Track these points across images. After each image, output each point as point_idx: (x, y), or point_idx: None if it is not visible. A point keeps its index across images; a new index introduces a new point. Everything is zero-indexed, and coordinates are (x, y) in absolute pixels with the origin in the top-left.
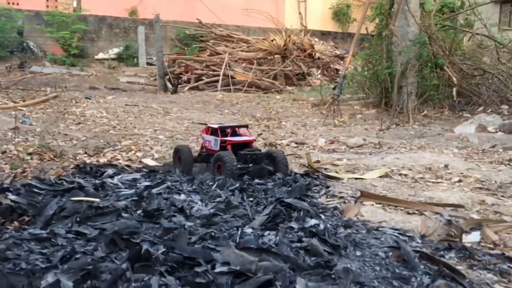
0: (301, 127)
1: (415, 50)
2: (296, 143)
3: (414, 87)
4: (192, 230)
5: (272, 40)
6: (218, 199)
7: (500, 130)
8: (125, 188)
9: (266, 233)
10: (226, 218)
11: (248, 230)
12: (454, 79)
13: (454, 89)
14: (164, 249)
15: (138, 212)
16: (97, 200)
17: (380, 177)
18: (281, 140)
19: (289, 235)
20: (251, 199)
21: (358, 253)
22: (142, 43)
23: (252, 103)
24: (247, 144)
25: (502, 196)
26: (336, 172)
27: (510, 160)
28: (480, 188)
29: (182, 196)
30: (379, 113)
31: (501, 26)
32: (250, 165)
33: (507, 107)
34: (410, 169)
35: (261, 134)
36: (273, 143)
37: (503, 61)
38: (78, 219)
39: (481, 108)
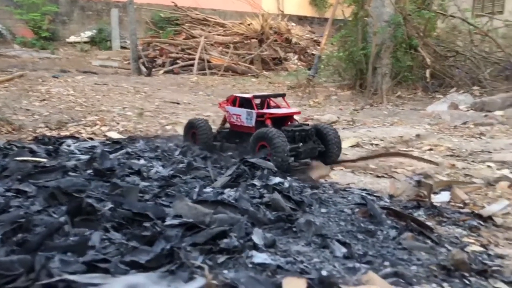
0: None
1: (390, 31)
2: None
3: (388, 69)
4: (147, 190)
5: (248, 24)
6: (181, 165)
7: (471, 109)
8: (81, 154)
9: (227, 190)
10: (185, 179)
11: (208, 189)
12: (428, 60)
13: (428, 71)
14: (112, 205)
15: (88, 172)
16: (44, 160)
17: (351, 146)
18: None
19: (251, 192)
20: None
21: (323, 210)
22: (115, 26)
23: (227, 86)
24: (287, 118)
25: (473, 161)
26: None
27: (481, 134)
28: (451, 155)
29: (142, 161)
30: (354, 94)
31: (474, 11)
32: (300, 144)
33: (478, 88)
34: (381, 140)
35: None
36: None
37: (476, 43)
38: (19, 177)
39: (453, 90)
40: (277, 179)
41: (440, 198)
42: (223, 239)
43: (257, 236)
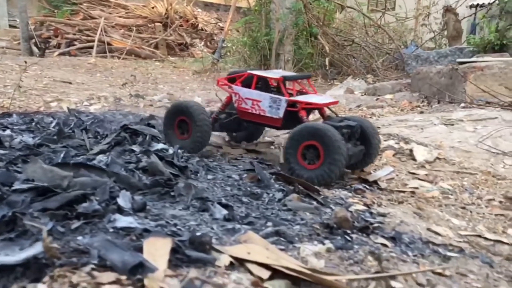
0: (179, 90)
1: (291, 18)
2: (169, 100)
3: (290, 55)
4: (3, 158)
5: (152, 7)
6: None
7: (365, 93)
8: None
9: (100, 156)
10: (55, 148)
11: (80, 158)
12: (327, 48)
13: (327, 59)
14: None
15: None
16: None
17: None
18: (153, 96)
19: (127, 157)
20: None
21: (210, 176)
22: (3, 2)
23: (128, 68)
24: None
25: None
26: None
27: (372, 114)
28: None
29: (7, 132)
30: None
31: (369, 6)
32: (349, 145)
33: (371, 76)
34: None
35: (126, 84)
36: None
37: (370, 34)
38: None
39: (350, 77)
40: (160, 145)
41: None
42: (84, 203)
43: (124, 199)
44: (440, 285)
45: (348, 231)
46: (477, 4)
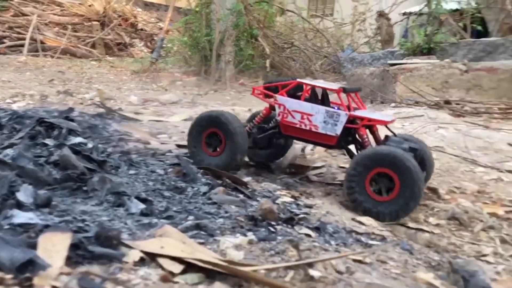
0: (115, 90)
1: (232, 19)
2: (98, 96)
3: (231, 56)
4: None
5: (89, 6)
6: None
7: None
8: None
9: (7, 150)
10: None
11: None
12: (267, 50)
13: (268, 61)
14: None
15: None
16: None
17: (185, 120)
18: (84, 94)
19: (38, 151)
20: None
21: (132, 171)
22: None
23: (62, 67)
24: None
25: None
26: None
27: None
28: None
29: None
30: (199, 80)
31: (309, 11)
32: None
33: (311, 78)
34: None
35: (53, 80)
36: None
37: (309, 38)
38: None
39: None
40: (78, 139)
41: None
42: None
43: (25, 194)
44: (359, 272)
45: (273, 223)
46: (410, 12)
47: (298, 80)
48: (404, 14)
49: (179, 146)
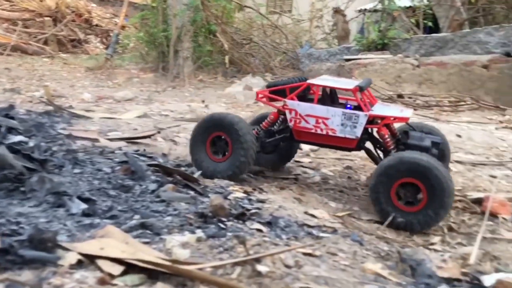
0: (68, 87)
1: (189, 14)
2: (53, 96)
3: (189, 52)
4: None
5: (41, 1)
6: None
7: None
8: None
9: None
10: None
11: None
12: (226, 46)
13: (226, 57)
14: None
15: None
16: None
17: (138, 117)
18: (34, 92)
19: None
20: None
21: (77, 170)
22: None
23: (12, 65)
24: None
25: None
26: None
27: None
28: None
29: None
30: (157, 77)
31: (268, 8)
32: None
33: (270, 74)
34: (172, 111)
35: None
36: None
37: (268, 34)
38: None
39: (249, 75)
40: (18, 138)
41: None
42: None
43: None
44: (308, 265)
45: (224, 219)
46: (365, 9)
47: (308, 82)
48: (359, 11)
49: (129, 142)
